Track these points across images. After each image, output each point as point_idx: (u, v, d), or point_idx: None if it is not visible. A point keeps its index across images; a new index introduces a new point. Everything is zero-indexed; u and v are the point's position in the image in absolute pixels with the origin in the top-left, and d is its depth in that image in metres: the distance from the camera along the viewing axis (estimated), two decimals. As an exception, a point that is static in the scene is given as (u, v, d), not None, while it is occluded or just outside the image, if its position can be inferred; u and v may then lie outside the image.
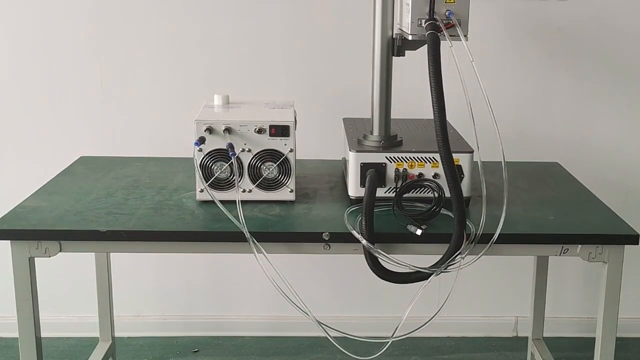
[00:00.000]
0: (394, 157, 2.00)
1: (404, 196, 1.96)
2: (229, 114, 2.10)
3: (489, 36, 2.80)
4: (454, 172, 1.79)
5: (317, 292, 3.02)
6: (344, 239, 1.83)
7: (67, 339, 3.03)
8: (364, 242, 1.79)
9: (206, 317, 3.11)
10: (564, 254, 1.87)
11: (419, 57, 1.96)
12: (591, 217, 2.01)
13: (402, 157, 2.00)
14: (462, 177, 1.98)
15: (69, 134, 2.87)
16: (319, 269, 3.05)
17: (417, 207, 1.96)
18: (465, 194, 1.95)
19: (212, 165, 1.99)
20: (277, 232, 1.86)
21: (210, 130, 1.97)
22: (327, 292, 3.07)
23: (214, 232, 1.85)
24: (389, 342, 1.84)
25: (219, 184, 2.00)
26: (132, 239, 1.84)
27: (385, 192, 2.00)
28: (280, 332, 3.09)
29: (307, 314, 1.80)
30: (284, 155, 2.00)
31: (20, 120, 2.87)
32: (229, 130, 1.97)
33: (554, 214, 2.00)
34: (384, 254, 1.79)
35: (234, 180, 1.98)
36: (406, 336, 1.85)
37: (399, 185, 2.00)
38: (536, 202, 2.11)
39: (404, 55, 2.06)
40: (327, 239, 1.83)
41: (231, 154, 1.94)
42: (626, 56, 2.86)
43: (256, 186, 2.02)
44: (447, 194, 1.82)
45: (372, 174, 1.96)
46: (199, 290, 3.09)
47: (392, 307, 2.88)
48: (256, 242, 1.80)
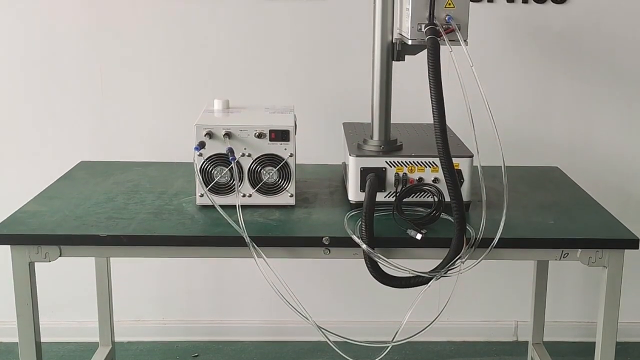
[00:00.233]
0: (394, 162, 2.00)
1: (404, 201, 1.96)
2: (229, 118, 2.11)
3: (488, 41, 2.80)
4: (453, 177, 1.79)
5: (317, 296, 3.02)
6: (344, 243, 1.83)
7: (67, 344, 3.03)
8: (364, 246, 1.79)
9: (206, 322, 3.10)
10: (564, 258, 1.87)
11: (419, 61, 1.97)
12: (591, 221, 2.01)
13: (402, 162, 2.00)
14: (462, 182, 1.98)
15: (69, 138, 2.87)
16: (319, 274, 3.05)
17: (417, 211, 1.96)
18: (465, 198, 1.96)
19: (212, 169, 2.00)
20: (277, 237, 1.86)
21: (210, 134, 1.97)
22: (327, 297, 3.07)
23: (214, 237, 1.85)
24: (389, 346, 1.84)
25: (219, 189, 2.01)
26: (132, 243, 1.84)
27: (385, 197, 2.00)
28: (280, 336, 3.08)
29: (307, 319, 1.80)
30: (284, 159, 2.00)
31: (20, 124, 2.87)
32: (229, 134, 1.97)
33: (554, 219, 2.00)
34: (384, 258, 1.79)
35: (234, 184, 1.98)
36: (406, 341, 1.85)
37: (399, 189, 2.00)
38: (536, 206, 2.11)
39: (403, 59, 2.07)
40: (327, 243, 1.84)
41: (231, 158, 1.94)
42: (625, 60, 2.86)
43: (256, 191, 2.02)
44: (447, 199, 1.82)
45: (372, 179, 1.96)
46: (199, 295, 3.09)
47: (392, 312, 2.87)
48: (256, 246, 1.80)
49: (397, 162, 2.00)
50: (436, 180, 2.00)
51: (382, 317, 3.04)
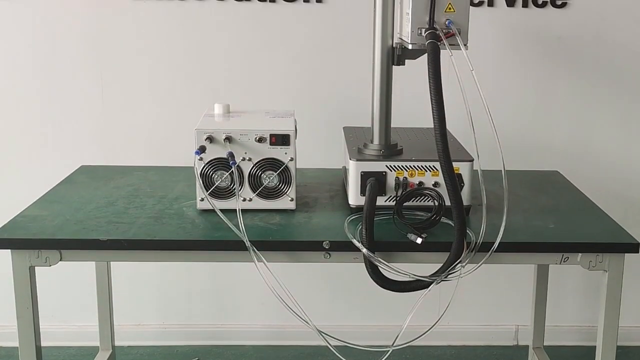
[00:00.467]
0: (394, 166, 2.00)
1: (404, 205, 1.96)
2: (229, 123, 2.11)
3: (489, 45, 2.80)
4: (454, 181, 1.79)
5: (317, 300, 3.01)
6: (344, 247, 1.83)
7: (67, 348, 3.03)
8: (364, 250, 1.79)
9: (206, 326, 3.10)
10: (564, 262, 1.87)
11: (419, 66, 1.97)
12: (591, 225, 2.01)
13: (402, 166, 2.00)
14: (462, 186, 1.98)
15: (70, 142, 2.87)
16: (320, 278, 3.05)
17: (418, 215, 1.96)
18: (465, 202, 1.95)
19: (212, 174, 2.00)
20: (277, 241, 1.86)
21: (210, 139, 1.97)
22: (327, 301, 3.07)
23: (215, 241, 1.85)
24: (389, 350, 1.84)
25: (220, 193, 2.01)
26: (132, 247, 1.84)
27: (385, 201, 2.00)
28: (280, 340, 3.08)
29: (307, 323, 1.80)
30: (284, 164, 2.00)
31: (20, 129, 2.87)
32: (229, 139, 1.98)
33: (554, 223, 2.00)
34: (384, 262, 1.79)
35: (235, 189, 1.98)
36: (407, 345, 1.85)
37: (399, 193, 2.00)
38: (536, 210, 2.11)
39: (404, 64, 2.07)
40: (327, 247, 1.84)
41: (231, 162, 1.95)
42: (626, 65, 2.86)
43: (257, 195, 2.02)
44: (448, 203, 1.83)
45: (373, 183, 1.96)
46: (199, 299, 3.09)
47: (392, 316, 2.87)
48: (256, 250, 1.80)
49: (398, 166, 2.00)
50: (436, 184, 2.00)
51: (382, 321, 3.03)
